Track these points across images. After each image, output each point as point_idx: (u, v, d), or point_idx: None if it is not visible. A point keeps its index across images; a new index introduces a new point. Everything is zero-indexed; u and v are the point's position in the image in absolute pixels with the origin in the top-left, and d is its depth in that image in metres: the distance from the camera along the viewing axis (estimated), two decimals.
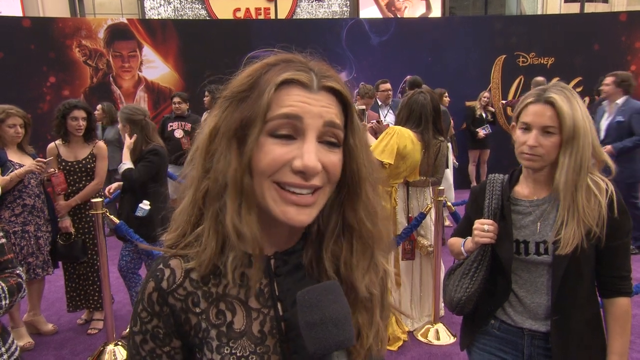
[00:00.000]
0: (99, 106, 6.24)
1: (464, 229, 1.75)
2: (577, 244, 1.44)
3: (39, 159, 3.40)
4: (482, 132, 7.20)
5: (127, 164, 3.34)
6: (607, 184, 1.49)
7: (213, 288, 0.75)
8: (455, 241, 1.74)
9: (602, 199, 1.46)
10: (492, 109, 7.83)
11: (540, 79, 6.84)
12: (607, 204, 1.46)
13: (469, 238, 1.65)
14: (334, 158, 0.70)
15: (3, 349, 1.65)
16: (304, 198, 0.68)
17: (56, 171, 3.52)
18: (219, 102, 0.74)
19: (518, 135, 1.54)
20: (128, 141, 3.38)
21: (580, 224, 1.44)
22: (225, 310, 0.75)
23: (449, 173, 5.77)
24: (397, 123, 3.39)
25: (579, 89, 8.38)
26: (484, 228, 1.56)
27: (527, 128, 1.51)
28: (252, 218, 0.70)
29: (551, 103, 1.46)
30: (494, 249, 1.59)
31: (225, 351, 0.73)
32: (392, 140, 3.06)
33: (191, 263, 0.74)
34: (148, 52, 8.31)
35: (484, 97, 7.60)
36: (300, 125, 0.67)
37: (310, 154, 0.66)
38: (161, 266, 0.76)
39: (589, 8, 10.71)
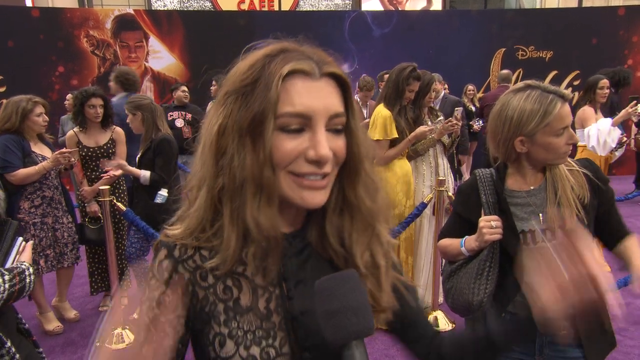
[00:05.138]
0: (69, 95, 5.77)
1: (454, 229, 1.70)
2: (574, 211, 1.48)
3: (62, 150, 3.34)
4: (476, 125, 7.18)
5: (144, 173, 3.41)
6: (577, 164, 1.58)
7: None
8: (451, 242, 1.67)
9: (582, 170, 1.57)
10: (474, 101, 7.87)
11: (505, 72, 6.96)
12: (592, 176, 1.54)
13: (468, 237, 1.60)
14: (340, 143, 0.74)
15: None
16: (317, 182, 0.72)
17: (75, 161, 3.51)
18: (220, 97, 0.74)
19: (554, 142, 1.47)
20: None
21: (571, 196, 1.50)
22: (232, 286, 0.77)
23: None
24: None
25: (576, 82, 8.54)
26: (492, 225, 1.49)
27: (561, 134, 1.48)
28: (272, 210, 0.72)
29: (567, 101, 1.45)
30: (500, 244, 1.55)
31: (233, 325, 0.76)
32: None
33: (214, 260, 0.76)
34: (154, 42, 8.46)
35: (470, 91, 7.64)
36: (309, 122, 0.70)
37: (323, 143, 0.70)
38: (173, 239, 0.80)
39: (587, 2, 10.76)
